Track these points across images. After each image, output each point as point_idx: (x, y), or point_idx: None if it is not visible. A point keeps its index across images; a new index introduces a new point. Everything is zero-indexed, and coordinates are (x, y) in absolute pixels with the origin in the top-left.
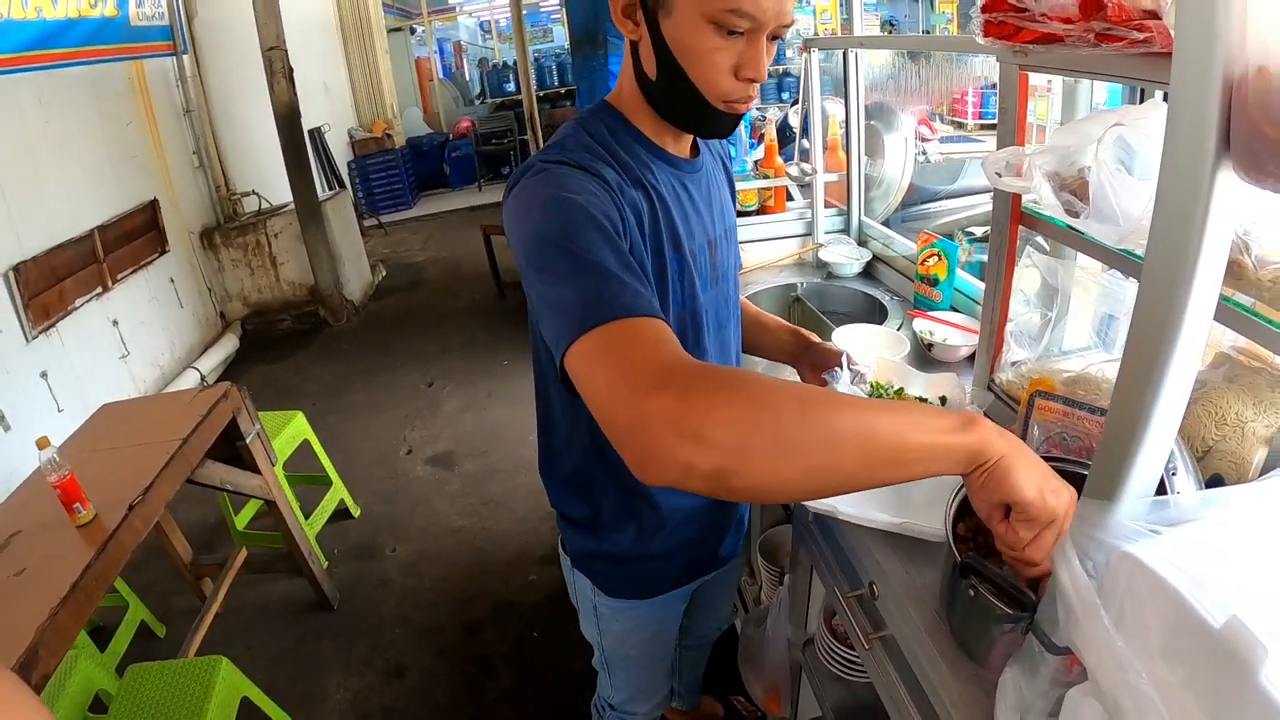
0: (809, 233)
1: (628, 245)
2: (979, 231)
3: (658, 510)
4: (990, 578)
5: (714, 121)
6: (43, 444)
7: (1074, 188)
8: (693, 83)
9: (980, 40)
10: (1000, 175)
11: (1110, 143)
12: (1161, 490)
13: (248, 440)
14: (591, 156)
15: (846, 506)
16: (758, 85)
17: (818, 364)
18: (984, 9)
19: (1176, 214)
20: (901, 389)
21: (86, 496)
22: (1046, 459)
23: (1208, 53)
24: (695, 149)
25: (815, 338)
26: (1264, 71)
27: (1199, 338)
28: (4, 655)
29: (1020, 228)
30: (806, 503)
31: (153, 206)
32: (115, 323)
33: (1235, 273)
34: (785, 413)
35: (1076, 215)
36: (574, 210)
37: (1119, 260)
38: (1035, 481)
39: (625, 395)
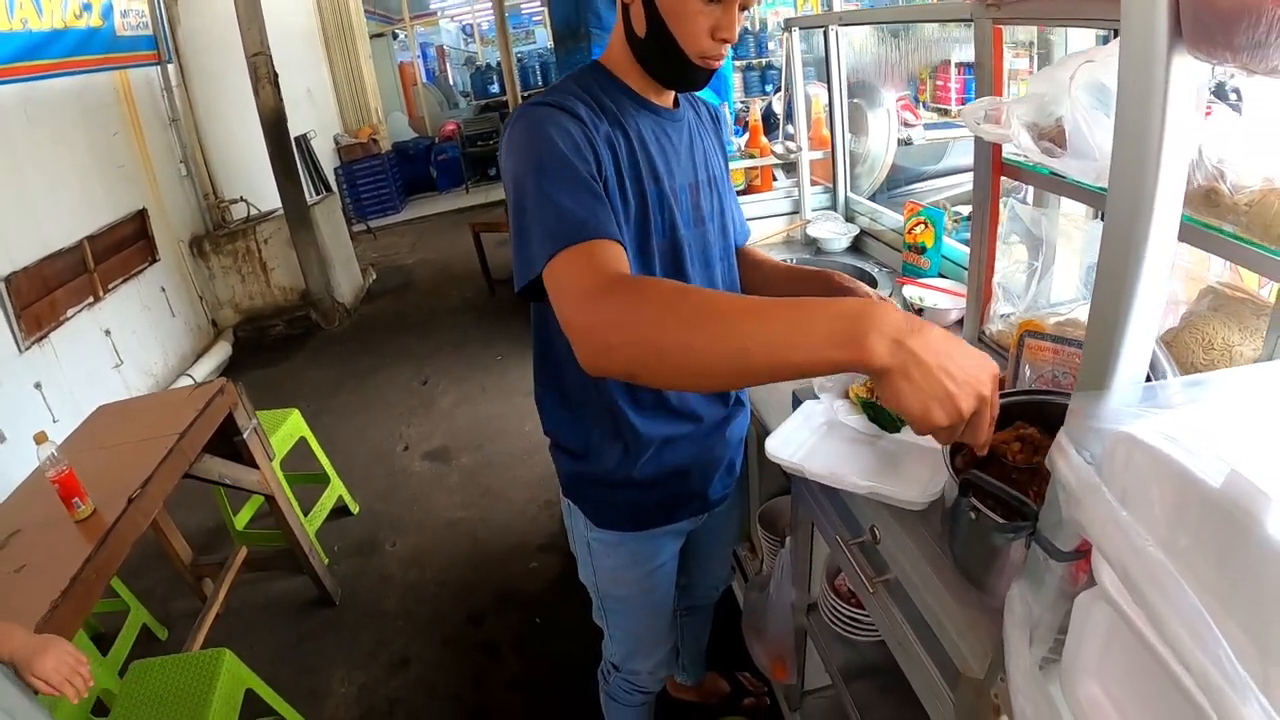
0: (796, 210)
1: (597, 171)
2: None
3: (637, 433)
4: (991, 492)
5: (690, 74)
6: (40, 439)
7: (1052, 136)
8: (676, 40)
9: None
10: (980, 124)
11: (1083, 81)
12: None
13: (245, 435)
14: (572, 99)
15: (815, 466)
16: (728, 45)
17: None
18: None
19: (1138, 100)
20: None
21: (85, 491)
22: (1038, 392)
23: None
24: (676, 103)
25: (845, 279)
26: None
27: (1172, 219)
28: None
29: (1003, 179)
30: (777, 458)
31: (141, 216)
32: (108, 332)
33: (1213, 200)
34: (678, 328)
35: (1056, 159)
36: (544, 148)
37: (1099, 199)
38: (922, 398)
39: (568, 312)
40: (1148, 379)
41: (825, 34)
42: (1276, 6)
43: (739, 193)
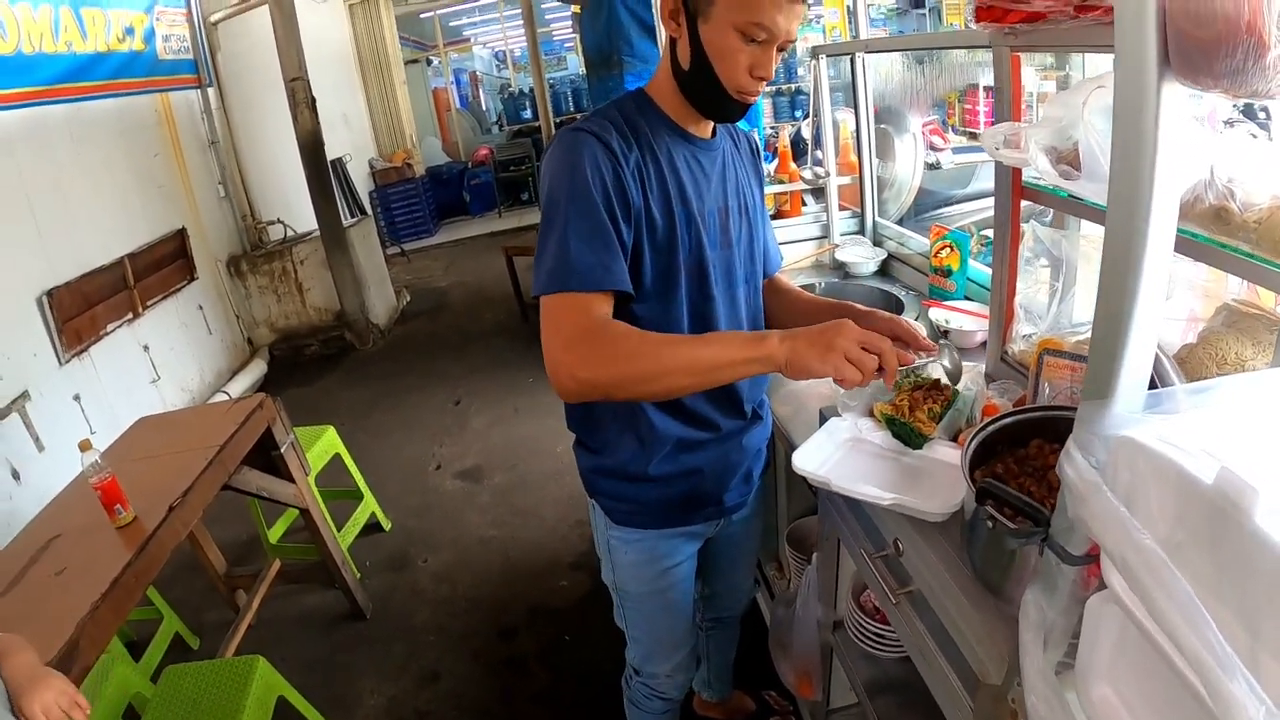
0: (825, 235)
1: (625, 205)
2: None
3: (653, 427)
4: (1006, 499)
5: (728, 107)
6: (85, 446)
7: (1070, 159)
8: (717, 75)
9: (973, 26)
10: (998, 149)
11: (1095, 105)
12: None
13: (282, 449)
14: (609, 127)
15: (840, 479)
16: (765, 83)
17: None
18: None
19: (1132, 125)
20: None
21: (127, 499)
22: (1055, 408)
23: None
24: (714, 133)
25: (862, 309)
26: None
27: (1167, 235)
28: (45, 649)
29: (1023, 201)
30: (803, 471)
31: (181, 235)
32: (146, 348)
33: (1224, 219)
34: (636, 360)
35: (1073, 182)
36: (574, 183)
37: None
38: (817, 360)
39: (548, 346)
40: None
41: (852, 61)
42: (1251, 35)
43: (770, 217)
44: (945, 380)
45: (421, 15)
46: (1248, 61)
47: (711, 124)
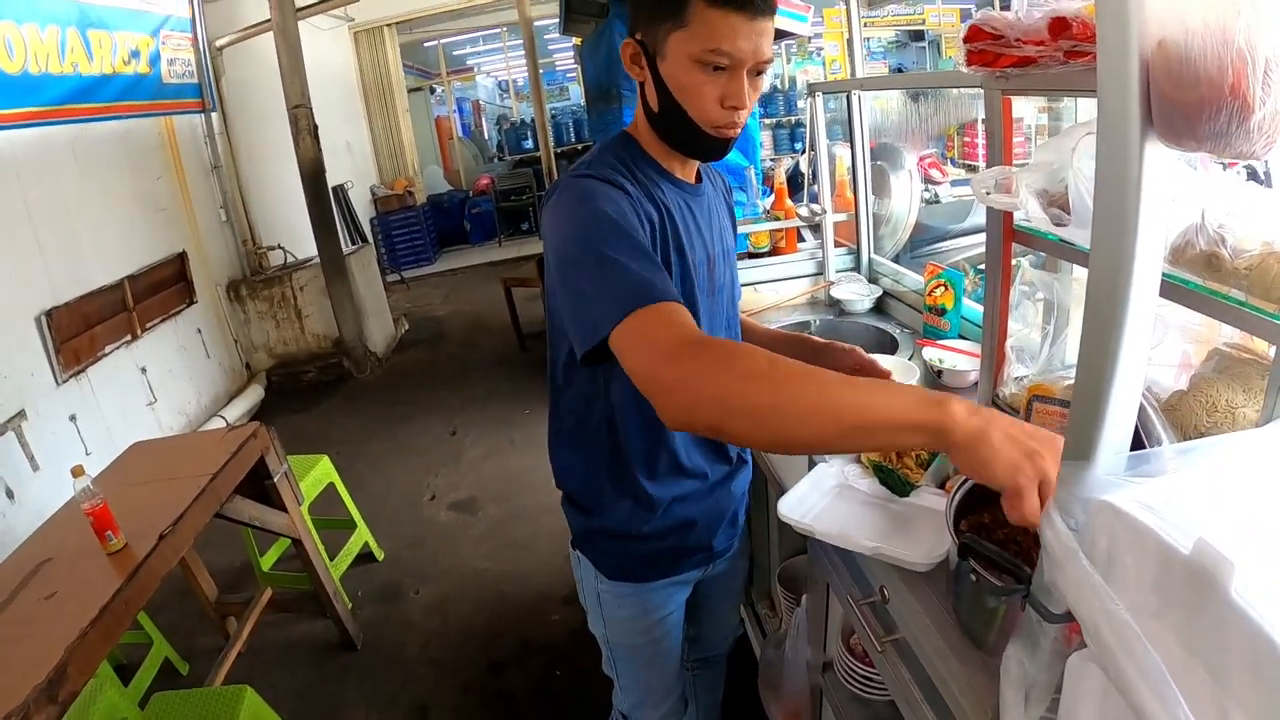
0: (820, 271)
1: (646, 237)
2: None
3: (649, 495)
4: (987, 555)
5: (707, 145)
6: (77, 472)
7: (1061, 202)
8: (686, 112)
9: (965, 70)
10: (989, 194)
11: (1085, 150)
12: None
13: (275, 479)
14: (614, 172)
15: (824, 526)
16: (743, 113)
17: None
18: (966, 39)
19: (1115, 186)
20: None
21: (118, 525)
22: None
23: (1123, 37)
24: (699, 177)
25: (820, 341)
26: (1163, 44)
27: (1150, 295)
28: (32, 673)
29: (1014, 244)
30: (789, 519)
31: (181, 258)
32: (144, 370)
33: (1215, 265)
34: (762, 384)
35: (1064, 227)
36: (601, 218)
37: None
38: (1005, 460)
39: (651, 368)
40: (1143, 446)
41: (849, 99)
42: (1235, 98)
43: (765, 254)
44: None
45: (426, 44)
46: (1232, 124)
47: (695, 166)
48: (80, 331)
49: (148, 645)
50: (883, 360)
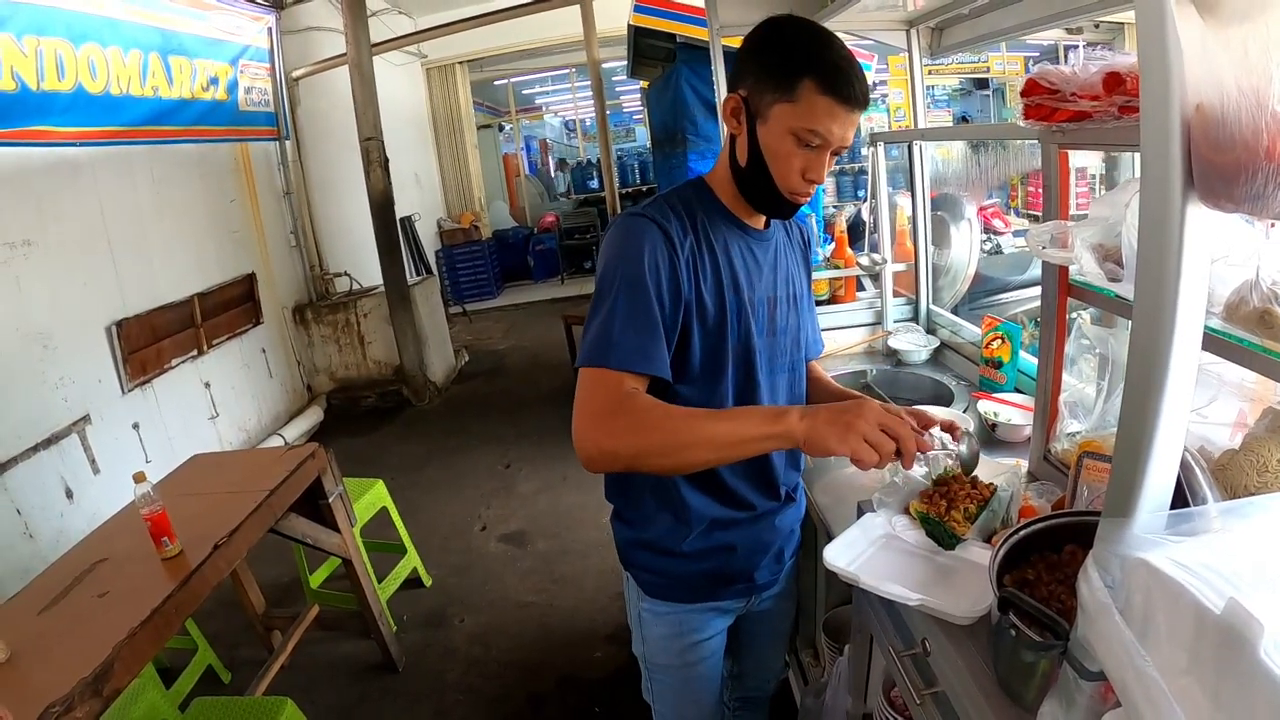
0: (879, 321)
1: (675, 293)
2: None
3: (688, 506)
4: (1027, 609)
5: (779, 205)
6: (140, 478)
7: (1116, 257)
8: (771, 175)
9: (1022, 124)
10: (1044, 248)
11: (1137, 206)
12: None
13: (330, 499)
14: (670, 215)
15: (869, 576)
16: (816, 185)
17: None
18: (1023, 94)
19: (1156, 245)
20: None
21: (174, 532)
22: (1091, 514)
23: (1165, 102)
24: (768, 224)
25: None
26: (1201, 108)
27: (1191, 357)
28: (79, 668)
29: (1070, 299)
30: (834, 566)
31: (250, 279)
32: (207, 385)
33: (1268, 322)
34: (658, 433)
35: (1118, 282)
36: (626, 266)
37: None
38: (834, 437)
39: (578, 417)
40: (1188, 503)
41: (910, 149)
42: (1271, 161)
43: (824, 302)
44: (957, 468)
45: (496, 82)
46: (1269, 187)
47: (764, 216)
48: (148, 343)
49: (193, 651)
50: (935, 413)
